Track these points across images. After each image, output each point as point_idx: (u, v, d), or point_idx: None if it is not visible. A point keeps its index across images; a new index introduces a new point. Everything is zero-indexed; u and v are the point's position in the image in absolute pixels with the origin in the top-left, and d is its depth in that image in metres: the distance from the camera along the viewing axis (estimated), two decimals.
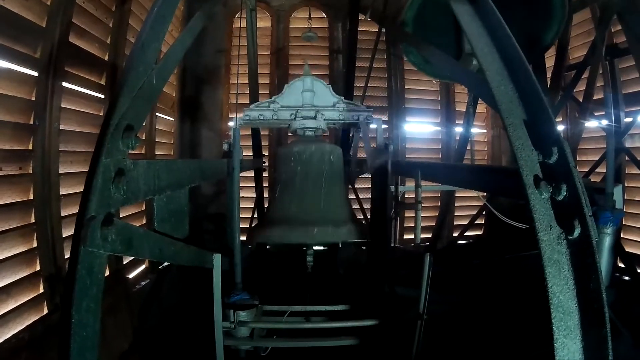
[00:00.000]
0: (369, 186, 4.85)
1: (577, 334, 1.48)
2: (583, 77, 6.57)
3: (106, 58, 5.08)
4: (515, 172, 1.71)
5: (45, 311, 3.89)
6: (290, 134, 4.88)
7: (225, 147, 4.20)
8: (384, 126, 4.58)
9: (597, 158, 6.63)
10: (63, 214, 4.18)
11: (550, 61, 6.89)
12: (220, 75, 8.16)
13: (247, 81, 6.15)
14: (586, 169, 6.77)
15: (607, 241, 4.58)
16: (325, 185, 4.40)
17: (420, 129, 8.87)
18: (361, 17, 7.06)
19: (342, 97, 4.68)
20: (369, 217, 6.23)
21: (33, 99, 3.80)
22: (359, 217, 5.94)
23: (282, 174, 4.55)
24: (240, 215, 3.97)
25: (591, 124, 7.03)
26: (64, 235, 4.14)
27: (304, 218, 4.24)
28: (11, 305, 3.53)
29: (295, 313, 3.95)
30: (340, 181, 4.62)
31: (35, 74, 3.81)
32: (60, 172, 4.15)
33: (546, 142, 1.68)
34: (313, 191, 4.38)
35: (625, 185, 6.28)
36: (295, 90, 4.59)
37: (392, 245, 8.07)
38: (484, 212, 7.91)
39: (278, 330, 3.84)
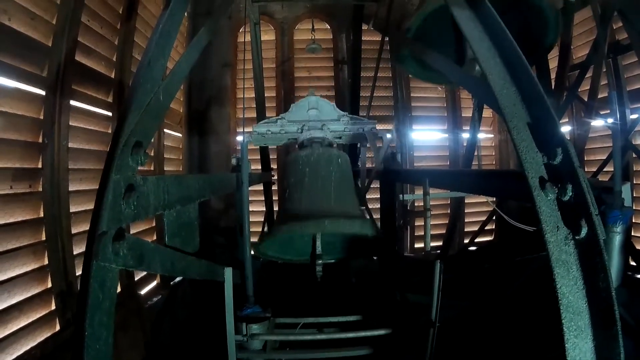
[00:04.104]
0: (379, 196, 4.83)
1: (587, 334, 1.47)
2: (587, 76, 6.57)
3: (112, 75, 5.14)
4: (521, 174, 1.71)
5: (57, 328, 3.92)
6: (298, 147, 4.87)
7: (233, 161, 4.22)
8: (388, 136, 4.55)
9: (604, 157, 6.61)
10: (73, 231, 4.22)
11: (553, 62, 6.89)
12: (226, 89, 8.20)
13: (253, 94, 6.20)
14: (594, 168, 6.72)
15: (617, 240, 4.52)
16: (334, 184, 4.27)
17: (427, 137, 8.87)
18: (364, 26, 7.09)
19: (346, 112, 4.79)
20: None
21: (41, 117, 3.86)
22: None
23: (290, 178, 4.49)
24: (251, 229, 3.98)
25: (597, 122, 7.01)
26: (74, 253, 4.17)
27: (315, 211, 3.96)
28: (23, 322, 3.57)
29: (308, 325, 3.94)
30: (350, 184, 4.51)
31: (43, 92, 3.88)
32: (69, 189, 4.20)
33: (550, 144, 1.68)
34: (323, 188, 4.19)
35: (634, 182, 6.26)
36: (301, 108, 4.73)
37: (403, 253, 8.06)
38: (494, 217, 7.87)
39: (291, 342, 3.84)
